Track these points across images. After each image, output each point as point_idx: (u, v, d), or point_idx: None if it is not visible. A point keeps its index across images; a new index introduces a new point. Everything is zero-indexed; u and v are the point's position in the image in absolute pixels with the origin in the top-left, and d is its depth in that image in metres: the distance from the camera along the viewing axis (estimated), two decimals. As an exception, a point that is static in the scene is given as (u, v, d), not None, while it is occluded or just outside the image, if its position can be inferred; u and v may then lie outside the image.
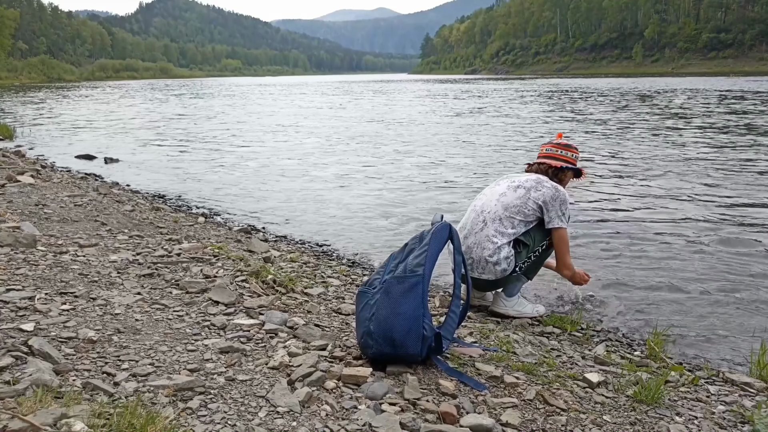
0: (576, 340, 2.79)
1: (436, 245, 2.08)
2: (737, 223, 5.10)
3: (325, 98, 31.63)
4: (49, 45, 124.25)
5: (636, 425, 1.84)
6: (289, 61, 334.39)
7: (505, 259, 2.88)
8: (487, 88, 42.36)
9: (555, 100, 24.98)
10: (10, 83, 71.06)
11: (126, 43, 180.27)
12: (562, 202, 2.92)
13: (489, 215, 2.94)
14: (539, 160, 3.15)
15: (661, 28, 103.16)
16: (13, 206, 4.03)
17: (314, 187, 7.18)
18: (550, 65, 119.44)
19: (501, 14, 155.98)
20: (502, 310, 3.05)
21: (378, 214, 5.72)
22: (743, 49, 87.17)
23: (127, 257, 3.00)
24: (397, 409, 1.69)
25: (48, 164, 8.21)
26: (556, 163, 3.08)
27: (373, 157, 9.66)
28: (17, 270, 2.53)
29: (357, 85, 59.59)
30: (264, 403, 1.64)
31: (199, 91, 43.65)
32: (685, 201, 6.02)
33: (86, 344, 1.88)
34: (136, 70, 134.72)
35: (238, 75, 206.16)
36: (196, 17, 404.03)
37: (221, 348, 1.97)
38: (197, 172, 8.27)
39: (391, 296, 1.96)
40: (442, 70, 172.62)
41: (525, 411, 1.82)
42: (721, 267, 3.97)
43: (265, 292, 2.69)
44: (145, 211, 4.96)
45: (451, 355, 2.16)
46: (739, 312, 3.24)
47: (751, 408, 2.08)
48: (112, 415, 1.41)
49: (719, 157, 8.75)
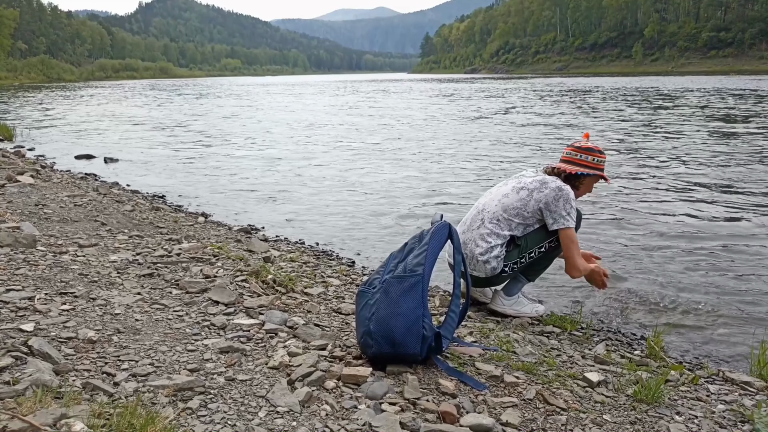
0: (576, 339, 2.79)
1: (436, 245, 2.08)
2: (738, 223, 5.10)
3: (332, 98, 31.40)
4: (48, 45, 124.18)
5: (636, 424, 1.84)
6: (288, 61, 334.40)
7: (495, 258, 2.87)
8: (499, 87, 41.55)
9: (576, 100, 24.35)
10: (10, 83, 71.03)
11: (125, 42, 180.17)
12: (566, 201, 2.83)
13: (487, 214, 2.94)
14: (557, 164, 3.02)
15: (661, 27, 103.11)
16: (12, 206, 4.03)
17: (314, 187, 7.17)
18: (550, 64, 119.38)
19: (501, 13, 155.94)
20: (499, 308, 3.05)
21: (378, 214, 5.72)
22: (743, 47, 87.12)
23: (127, 257, 3.00)
24: (397, 409, 1.69)
25: (48, 164, 8.21)
26: (573, 168, 2.94)
27: (383, 159, 9.65)
28: (17, 270, 2.53)
29: (362, 84, 59.45)
30: (264, 403, 1.64)
31: (199, 92, 43.64)
32: (685, 200, 6.02)
33: (86, 344, 1.88)
34: (136, 70, 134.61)
35: (237, 75, 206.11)
36: (196, 17, 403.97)
37: (221, 348, 1.97)
38: (197, 172, 8.27)
39: (390, 296, 1.96)
40: (441, 69, 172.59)
41: (525, 410, 1.82)
42: (722, 266, 3.97)
43: (265, 291, 2.69)
44: (144, 211, 4.96)
45: (451, 355, 2.16)
46: (739, 311, 3.24)
47: (751, 407, 2.08)
48: (111, 415, 1.41)
49: (728, 157, 8.75)
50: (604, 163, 2.99)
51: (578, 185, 2.98)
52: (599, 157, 2.96)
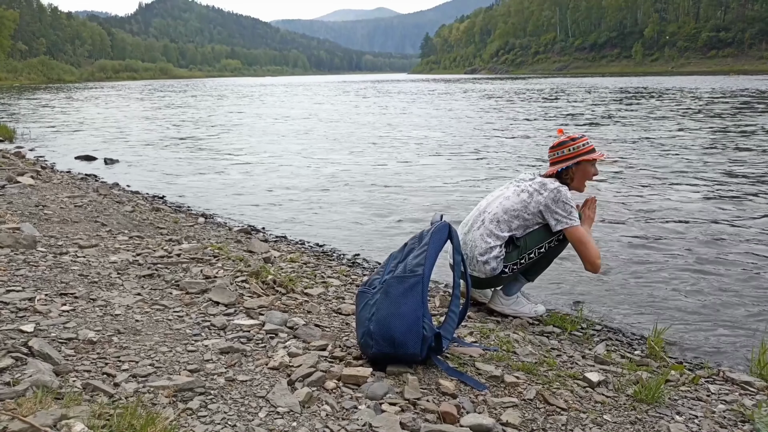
0: (576, 339, 2.79)
1: (436, 245, 2.08)
2: (738, 223, 5.09)
3: (332, 99, 31.30)
4: (48, 46, 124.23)
5: (636, 424, 1.84)
6: (288, 61, 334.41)
7: (495, 258, 2.88)
8: (509, 87, 40.83)
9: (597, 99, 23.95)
10: (10, 84, 71.04)
11: (125, 43, 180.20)
12: (564, 201, 2.85)
13: (488, 215, 2.95)
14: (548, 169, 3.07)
15: (660, 27, 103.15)
16: (13, 207, 4.03)
17: (315, 187, 7.17)
18: (550, 64, 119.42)
19: (501, 13, 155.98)
20: (498, 308, 3.05)
21: (378, 214, 5.72)
22: (743, 47, 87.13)
23: (127, 258, 3.00)
24: (397, 409, 1.69)
25: (48, 165, 8.21)
26: (554, 168, 3.00)
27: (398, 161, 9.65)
28: (17, 271, 2.53)
29: (362, 84, 59.43)
30: (264, 403, 1.64)
31: (199, 92, 43.64)
32: (686, 201, 6.01)
33: (86, 345, 1.88)
34: (136, 71, 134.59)
35: (237, 75, 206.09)
36: (196, 17, 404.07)
37: (221, 348, 1.97)
38: (197, 173, 8.27)
39: (390, 296, 1.96)
40: (441, 69, 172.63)
41: (525, 410, 1.82)
42: (722, 266, 3.97)
43: (265, 292, 2.69)
44: (145, 212, 4.96)
45: (451, 355, 2.16)
46: (739, 311, 3.24)
47: (751, 407, 2.08)
48: (112, 415, 1.41)
49: (734, 157, 8.75)
50: (586, 145, 2.97)
51: (568, 180, 3.01)
52: (574, 145, 2.97)
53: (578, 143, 2.97)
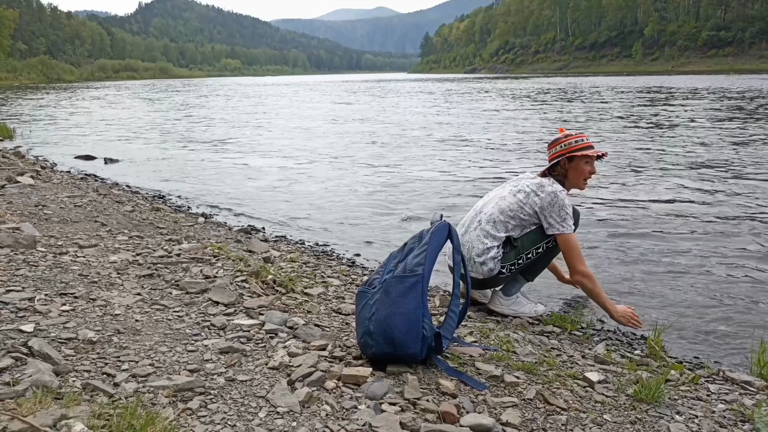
0: (576, 339, 2.79)
1: (436, 244, 2.08)
2: (738, 223, 5.09)
3: (332, 99, 31.16)
4: (48, 45, 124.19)
5: (636, 424, 1.84)
6: (288, 61, 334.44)
7: (492, 259, 2.88)
8: (514, 86, 40.48)
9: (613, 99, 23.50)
10: (10, 84, 71.04)
11: (125, 43, 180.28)
12: (561, 207, 2.83)
13: (485, 216, 2.94)
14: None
15: (660, 26, 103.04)
16: (13, 207, 4.03)
17: (314, 187, 7.17)
18: (550, 64, 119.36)
19: (500, 13, 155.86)
20: (498, 308, 3.05)
21: (378, 214, 5.72)
22: (743, 47, 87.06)
23: (127, 258, 3.00)
24: (397, 409, 1.69)
25: (48, 165, 8.21)
26: (548, 166, 3.01)
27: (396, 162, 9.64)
28: (17, 271, 2.53)
29: (362, 85, 59.36)
30: (264, 403, 1.64)
31: (199, 92, 43.63)
32: (686, 201, 6.01)
33: (86, 345, 1.88)
34: (136, 71, 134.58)
35: (237, 75, 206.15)
36: (196, 17, 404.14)
37: (221, 348, 1.97)
38: (197, 173, 8.27)
39: (390, 296, 1.96)
40: (441, 69, 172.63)
41: (525, 410, 1.82)
42: (722, 266, 3.97)
43: (265, 292, 2.69)
44: (144, 212, 4.96)
45: (451, 355, 2.16)
46: (739, 311, 3.24)
47: (751, 407, 2.08)
48: (111, 416, 1.41)
49: (737, 157, 8.75)
50: (579, 142, 2.96)
51: (561, 176, 2.99)
52: (566, 141, 2.97)
53: (571, 140, 2.97)
